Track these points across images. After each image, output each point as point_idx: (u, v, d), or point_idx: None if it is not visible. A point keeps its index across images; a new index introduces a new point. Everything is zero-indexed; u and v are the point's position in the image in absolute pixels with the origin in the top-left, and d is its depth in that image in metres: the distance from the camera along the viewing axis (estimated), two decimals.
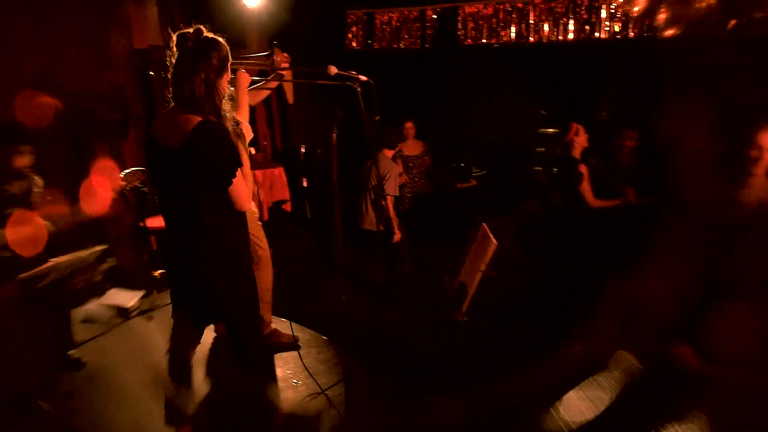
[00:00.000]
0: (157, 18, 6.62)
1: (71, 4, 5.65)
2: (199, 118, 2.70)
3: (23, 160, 3.89)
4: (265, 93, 4.45)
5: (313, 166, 8.16)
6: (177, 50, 2.79)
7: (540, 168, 8.71)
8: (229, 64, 2.90)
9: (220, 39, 2.87)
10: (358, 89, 3.62)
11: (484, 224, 4.82)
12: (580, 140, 5.24)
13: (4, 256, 3.69)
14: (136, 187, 4.93)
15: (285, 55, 4.01)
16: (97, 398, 3.92)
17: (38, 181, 4.07)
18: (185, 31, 2.81)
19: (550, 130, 8.79)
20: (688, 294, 3.17)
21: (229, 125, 2.91)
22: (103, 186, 5.03)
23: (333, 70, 3.63)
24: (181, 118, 2.72)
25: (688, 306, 3.12)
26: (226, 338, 3.29)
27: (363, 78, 3.67)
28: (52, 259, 3.83)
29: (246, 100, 3.74)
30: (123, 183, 4.25)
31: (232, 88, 3.18)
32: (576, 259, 5.12)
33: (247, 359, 3.17)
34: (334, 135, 3.23)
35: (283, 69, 4.04)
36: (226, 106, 2.91)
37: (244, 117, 3.77)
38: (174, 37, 2.80)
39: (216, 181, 2.74)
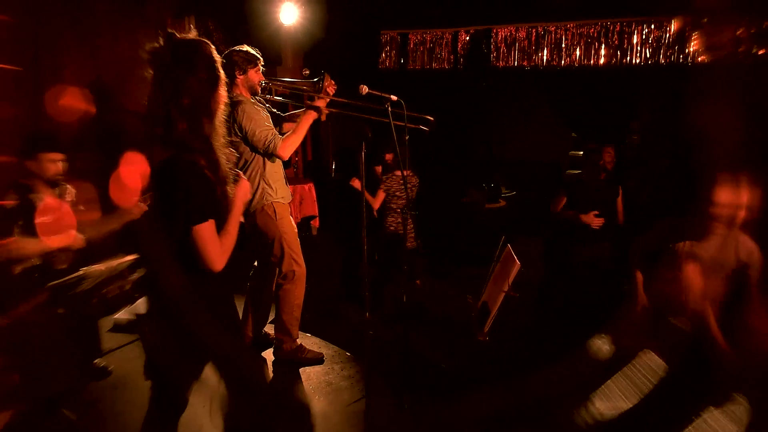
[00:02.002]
0: (195, 33, 6.72)
1: (112, 20, 5.77)
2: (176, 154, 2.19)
3: (55, 169, 3.95)
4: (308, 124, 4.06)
5: (342, 182, 8.23)
6: (153, 71, 2.27)
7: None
8: (218, 68, 2.34)
9: (202, 39, 2.36)
10: (389, 108, 3.65)
11: (508, 245, 4.82)
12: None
13: (35, 264, 3.75)
14: None
15: (333, 82, 4.04)
16: (122, 406, 3.96)
17: (71, 189, 4.14)
18: (156, 45, 2.27)
19: (581, 152, 8.79)
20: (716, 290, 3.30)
21: (223, 161, 2.35)
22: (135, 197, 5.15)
23: (364, 89, 3.67)
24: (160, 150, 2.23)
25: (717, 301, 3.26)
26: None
27: (393, 98, 3.70)
28: (83, 268, 3.89)
29: (304, 132, 3.80)
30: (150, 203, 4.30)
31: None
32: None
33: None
34: (362, 154, 3.26)
35: (329, 95, 4.02)
36: (219, 137, 2.36)
37: (293, 144, 3.81)
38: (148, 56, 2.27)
39: (178, 222, 2.18)
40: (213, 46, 2.35)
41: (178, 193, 2.15)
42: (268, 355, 4.59)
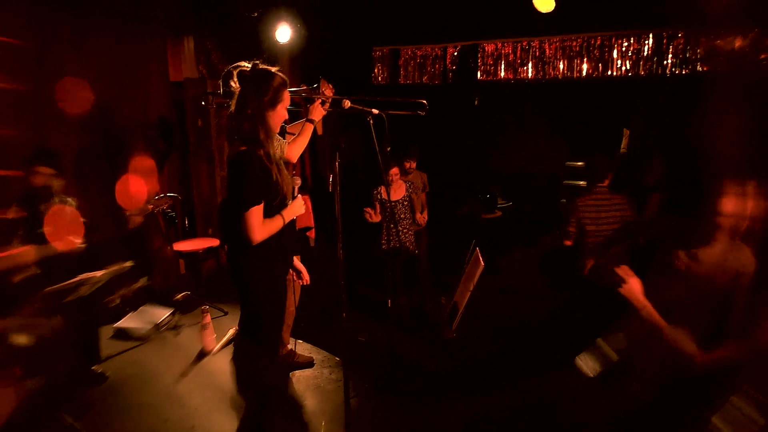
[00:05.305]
0: (193, 51, 6.95)
1: (113, 38, 5.99)
2: (244, 147, 2.97)
3: (52, 182, 4.14)
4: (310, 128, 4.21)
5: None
6: (238, 84, 3.03)
7: (565, 200, 8.80)
8: (283, 93, 3.10)
9: (273, 70, 3.08)
10: (371, 122, 3.80)
11: (477, 248, 4.95)
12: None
13: (34, 273, 3.94)
14: (164, 211, 5.18)
15: (330, 86, 4.19)
16: (119, 409, 4.15)
17: (70, 201, 4.34)
18: (242, 65, 3.04)
19: (579, 163, 8.87)
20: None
21: (275, 158, 3.11)
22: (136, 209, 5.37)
23: (347, 103, 3.84)
24: (236, 143, 3.03)
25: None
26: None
27: (375, 111, 3.86)
28: (80, 275, 4.08)
29: (307, 137, 3.96)
30: (151, 207, 4.50)
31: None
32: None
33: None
34: (337, 163, 3.41)
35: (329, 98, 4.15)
36: (273, 142, 3.12)
37: (298, 148, 3.98)
38: (234, 73, 3.02)
39: (237, 204, 2.97)
40: (283, 77, 3.11)
41: (238, 179, 2.95)
42: None
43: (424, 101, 4.06)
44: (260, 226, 3.02)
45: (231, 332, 5.16)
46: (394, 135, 4.00)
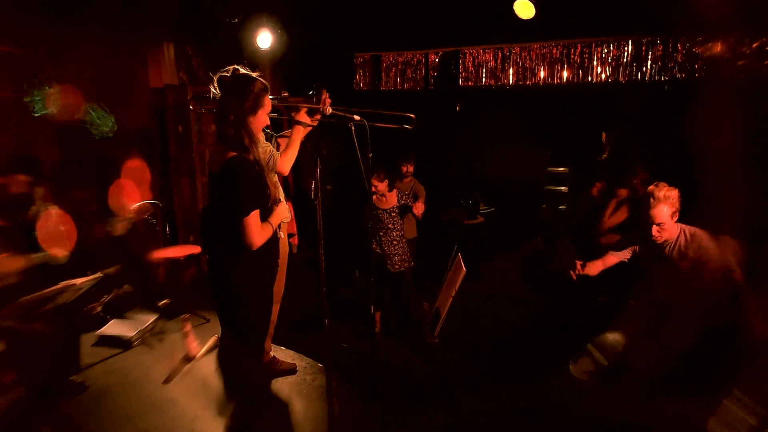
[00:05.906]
0: (173, 58, 6.92)
1: (94, 45, 5.95)
2: (234, 153, 3.04)
3: (31, 188, 4.10)
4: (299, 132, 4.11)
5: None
6: (219, 90, 3.14)
7: (545, 206, 8.87)
8: (264, 99, 3.19)
9: (254, 75, 3.17)
10: (352, 128, 3.79)
11: (459, 254, 4.97)
12: None
13: (12, 282, 3.89)
14: (145, 219, 5.14)
15: (327, 94, 4.13)
16: (98, 420, 4.08)
17: (51, 209, 4.29)
18: (224, 72, 3.12)
19: (560, 168, 8.93)
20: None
21: (263, 163, 3.19)
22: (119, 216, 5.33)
23: (328, 110, 3.83)
24: (221, 149, 3.10)
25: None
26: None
27: (357, 118, 3.86)
28: (61, 283, 4.02)
29: (297, 147, 3.93)
30: (133, 215, 4.47)
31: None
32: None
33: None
34: (318, 170, 3.40)
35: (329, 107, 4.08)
36: (258, 147, 3.18)
37: (289, 159, 3.94)
38: (215, 79, 3.13)
39: (233, 211, 3.01)
40: (264, 83, 3.20)
41: (233, 186, 2.99)
42: None
43: (413, 115, 4.05)
44: (260, 231, 3.11)
45: (213, 340, 5.12)
46: (382, 141, 3.99)
